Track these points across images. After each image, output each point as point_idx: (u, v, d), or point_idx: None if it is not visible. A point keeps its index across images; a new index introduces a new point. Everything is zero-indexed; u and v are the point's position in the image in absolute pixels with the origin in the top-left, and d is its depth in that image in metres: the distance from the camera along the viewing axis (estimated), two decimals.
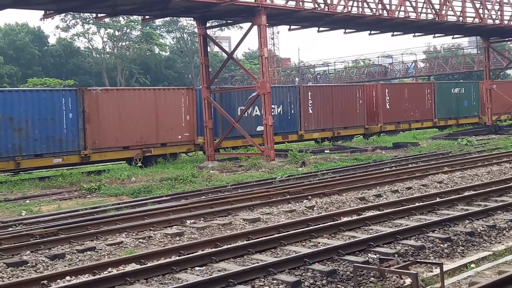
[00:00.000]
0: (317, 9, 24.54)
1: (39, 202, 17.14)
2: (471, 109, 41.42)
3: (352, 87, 35.05)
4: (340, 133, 32.78)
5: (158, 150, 25.02)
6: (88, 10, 25.88)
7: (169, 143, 25.51)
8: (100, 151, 23.50)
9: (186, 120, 26.00)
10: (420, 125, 37.84)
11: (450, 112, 39.82)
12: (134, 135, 24.39)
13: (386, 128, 35.41)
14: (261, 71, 23.65)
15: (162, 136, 25.30)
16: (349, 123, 33.28)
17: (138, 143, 24.49)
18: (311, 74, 74.45)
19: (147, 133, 24.81)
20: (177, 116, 25.78)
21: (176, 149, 25.88)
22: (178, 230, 11.80)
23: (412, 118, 37.23)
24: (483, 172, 18.41)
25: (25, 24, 69.56)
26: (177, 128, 25.73)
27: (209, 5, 22.24)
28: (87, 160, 23.28)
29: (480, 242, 9.96)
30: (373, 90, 35.63)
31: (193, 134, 26.23)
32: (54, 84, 56.82)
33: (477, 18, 31.81)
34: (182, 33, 76.18)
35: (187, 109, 26.04)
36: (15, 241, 11.26)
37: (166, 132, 25.40)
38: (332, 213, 12.47)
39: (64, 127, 22.64)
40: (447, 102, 39.35)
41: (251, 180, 19.46)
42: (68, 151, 22.72)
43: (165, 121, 25.35)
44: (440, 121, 38.96)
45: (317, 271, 8.30)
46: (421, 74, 64.13)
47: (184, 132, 25.94)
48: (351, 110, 33.31)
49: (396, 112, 35.94)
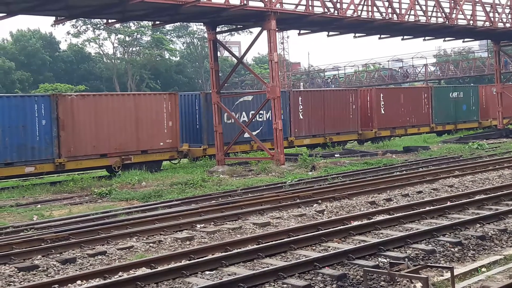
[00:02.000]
0: (327, 14, 24.55)
1: (50, 207, 17.23)
2: (470, 114, 40.45)
3: (345, 92, 34.25)
4: (333, 139, 31.87)
5: (138, 158, 24.17)
6: (99, 16, 26.07)
7: (151, 150, 24.60)
8: (75, 159, 22.58)
9: (169, 126, 25.12)
10: (417, 130, 36.88)
11: (448, 117, 38.84)
12: (112, 142, 23.47)
13: (381, 134, 34.45)
14: (271, 75, 23.67)
15: (142, 143, 24.37)
16: (342, 129, 32.52)
17: (116, 150, 23.57)
18: (321, 78, 74.42)
19: (127, 140, 23.89)
20: (159, 122, 24.92)
21: (158, 157, 24.99)
22: (189, 234, 11.82)
23: (408, 123, 36.32)
24: (494, 176, 18.32)
25: (36, 30, 70.15)
26: (159, 135, 24.86)
27: (219, 10, 22.31)
28: (62, 168, 22.41)
29: (491, 246, 9.91)
30: (368, 95, 34.83)
31: (176, 140, 25.32)
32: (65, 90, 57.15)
33: (487, 21, 31.70)
34: (192, 38, 76.46)
35: (169, 115, 25.14)
36: (27, 245, 11.31)
37: (147, 139, 24.51)
38: (342, 217, 12.45)
39: (37, 134, 21.74)
40: (444, 106, 38.41)
41: (261, 184, 19.46)
42: (41, 160, 21.84)
43: (146, 128, 24.48)
44: (437, 126, 37.97)
45: (327, 275, 8.29)
46: (432, 78, 63.92)
47: (166, 139, 25.06)
48: (344, 115, 32.56)
49: (391, 117, 35.09)
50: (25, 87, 62.24)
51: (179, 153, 25.61)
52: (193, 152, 26.89)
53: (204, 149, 26.86)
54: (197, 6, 21.11)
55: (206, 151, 26.87)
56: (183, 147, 25.98)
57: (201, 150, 26.79)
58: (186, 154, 26.64)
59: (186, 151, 26.26)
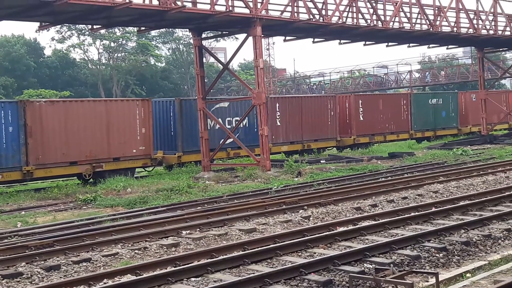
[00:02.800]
0: (312, 20, 24.65)
1: (34, 213, 17.10)
2: (449, 120, 40.21)
3: (323, 98, 33.98)
4: (311, 146, 31.52)
5: (110, 165, 23.57)
6: (84, 22, 25.92)
7: (123, 157, 23.95)
8: (44, 167, 21.90)
9: (142, 133, 24.53)
10: (396, 137, 36.63)
11: (428, 123, 38.50)
12: (82, 149, 22.88)
13: (359, 141, 34.03)
14: (257, 81, 23.70)
15: (114, 150, 23.75)
16: (320, 136, 32.17)
17: (87, 157, 22.97)
18: (306, 84, 74.64)
19: (98, 147, 23.29)
20: (131, 129, 24.29)
21: (131, 164, 24.31)
22: (174, 241, 11.78)
23: (387, 130, 35.95)
24: (479, 182, 18.47)
25: (21, 36, 69.68)
26: (131, 142, 24.24)
27: (205, 17, 22.32)
28: (30, 176, 21.74)
29: (476, 251, 9.98)
30: (346, 101, 34.47)
31: (150, 147, 24.73)
32: (49, 96, 56.80)
33: (471, 28, 31.98)
34: (178, 44, 76.36)
35: (142, 122, 24.57)
36: (10, 252, 11.22)
37: (119, 146, 23.88)
38: (328, 223, 12.47)
39: (4, 141, 21.06)
40: (424, 113, 38.12)
41: (247, 190, 19.46)
42: (8, 168, 21.14)
43: (118, 135, 23.89)
44: (416, 132, 37.61)
45: (313, 281, 8.30)
46: (416, 84, 64.35)
47: (139, 146, 24.45)
48: (322, 122, 32.20)
49: (370, 124, 34.74)
50: (9, 93, 61.76)
51: (152, 160, 25.02)
52: (168, 159, 26.54)
53: (179, 156, 26.42)
54: (183, 12, 21.11)
55: (181, 158, 26.43)
56: (157, 154, 25.55)
57: (176, 158, 26.38)
58: (161, 162, 26.20)
59: (160, 159, 25.85)
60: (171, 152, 26.61)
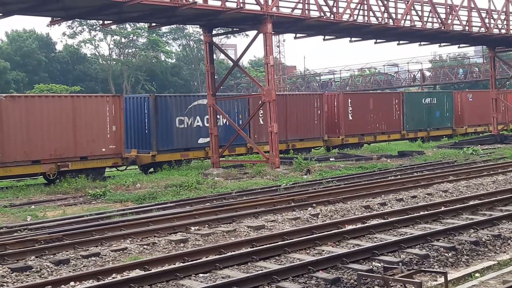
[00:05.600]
0: (323, 18, 24.59)
1: (44, 207, 17.19)
2: (443, 121, 39.24)
3: (309, 96, 33.03)
4: (296, 146, 30.32)
5: (77, 165, 22.55)
6: (95, 17, 25.97)
7: (91, 156, 22.93)
8: (4, 166, 20.92)
9: (112, 131, 23.42)
10: (387, 137, 35.74)
11: (421, 123, 37.62)
12: (46, 147, 21.82)
13: (348, 141, 33.26)
14: (267, 78, 23.69)
15: (81, 149, 22.72)
16: (305, 135, 31.18)
17: (51, 156, 21.92)
18: (316, 82, 74.51)
19: (63, 145, 22.22)
20: (101, 126, 23.21)
21: (100, 163, 23.29)
22: (183, 236, 11.81)
23: (378, 130, 35.05)
24: (489, 182, 18.38)
25: (32, 31, 69.95)
26: (100, 140, 23.15)
27: (215, 13, 22.32)
28: None
29: (485, 251, 9.94)
30: (335, 100, 33.62)
31: (120, 146, 23.67)
32: (60, 90, 57.02)
33: (483, 27, 31.80)
34: (188, 41, 76.43)
35: (113, 119, 23.46)
36: (20, 246, 11.29)
37: (87, 144, 22.84)
38: (337, 221, 12.46)
39: None
40: (417, 113, 37.20)
41: (255, 187, 19.47)
42: None
43: (86, 132, 22.83)
44: (409, 133, 36.74)
45: (321, 279, 8.29)
46: (427, 83, 64.08)
47: (109, 144, 23.37)
48: (308, 121, 31.21)
49: (360, 123, 33.83)
50: (20, 87, 62.08)
51: (124, 159, 23.98)
52: (141, 158, 25.60)
53: (153, 155, 25.38)
54: (194, 8, 21.11)
55: (155, 157, 25.38)
56: (131, 153, 24.86)
57: (150, 157, 25.36)
58: (134, 161, 25.32)
59: (134, 158, 25.00)
60: (145, 151, 25.63)
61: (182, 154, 26.24)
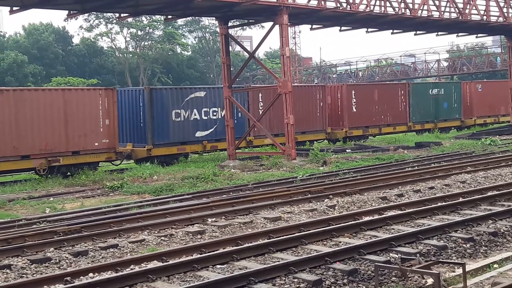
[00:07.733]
0: (339, 9, 24.46)
1: (62, 200, 17.35)
2: (451, 112, 38.50)
3: (311, 88, 32.41)
4: (297, 139, 28.31)
5: (68, 159, 22.04)
6: (111, 10, 26.11)
7: (83, 151, 22.37)
8: None
9: (105, 124, 22.86)
10: (392, 129, 35.08)
11: (427, 115, 36.97)
12: (37, 142, 21.26)
13: (352, 133, 32.73)
14: (283, 70, 23.64)
15: (73, 144, 22.15)
16: (308, 128, 30.61)
17: (42, 151, 21.35)
18: (332, 73, 74.24)
19: (54, 140, 21.65)
20: (94, 120, 22.64)
21: (92, 158, 22.71)
22: (200, 228, 11.86)
23: (383, 122, 34.49)
24: (507, 172, 18.22)
25: (49, 24, 70.36)
26: (93, 134, 22.58)
27: (231, 5, 22.29)
28: None
29: (504, 242, 9.87)
30: (338, 91, 33.09)
31: (114, 140, 23.15)
32: (77, 84, 57.36)
33: (501, 17, 31.45)
34: (204, 33, 76.48)
35: (106, 113, 22.89)
36: (39, 238, 11.41)
37: (79, 138, 22.28)
38: (354, 213, 12.43)
39: None
40: (423, 104, 36.55)
41: (272, 179, 19.47)
42: None
43: (78, 126, 22.25)
44: (415, 125, 36.14)
45: (338, 270, 8.29)
46: (444, 73, 63.57)
47: (102, 139, 22.79)
48: (310, 114, 30.71)
49: (364, 115, 33.30)
50: (38, 80, 62.54)
51: (117, 154, 23.48)
52: (136, 152, 25.08)
53: (149, 149, 24.82)
54: (209, 0, 21.11)
55: (150, 151, 24.81)
56: (126, 147, 24.53)
57: (145, 151, 24.81)
58: (129, 155, 24.88)
59: (129, 152, 24.62)
60: (140, 145, 25.15)
61: (178, 148, 25.80)
